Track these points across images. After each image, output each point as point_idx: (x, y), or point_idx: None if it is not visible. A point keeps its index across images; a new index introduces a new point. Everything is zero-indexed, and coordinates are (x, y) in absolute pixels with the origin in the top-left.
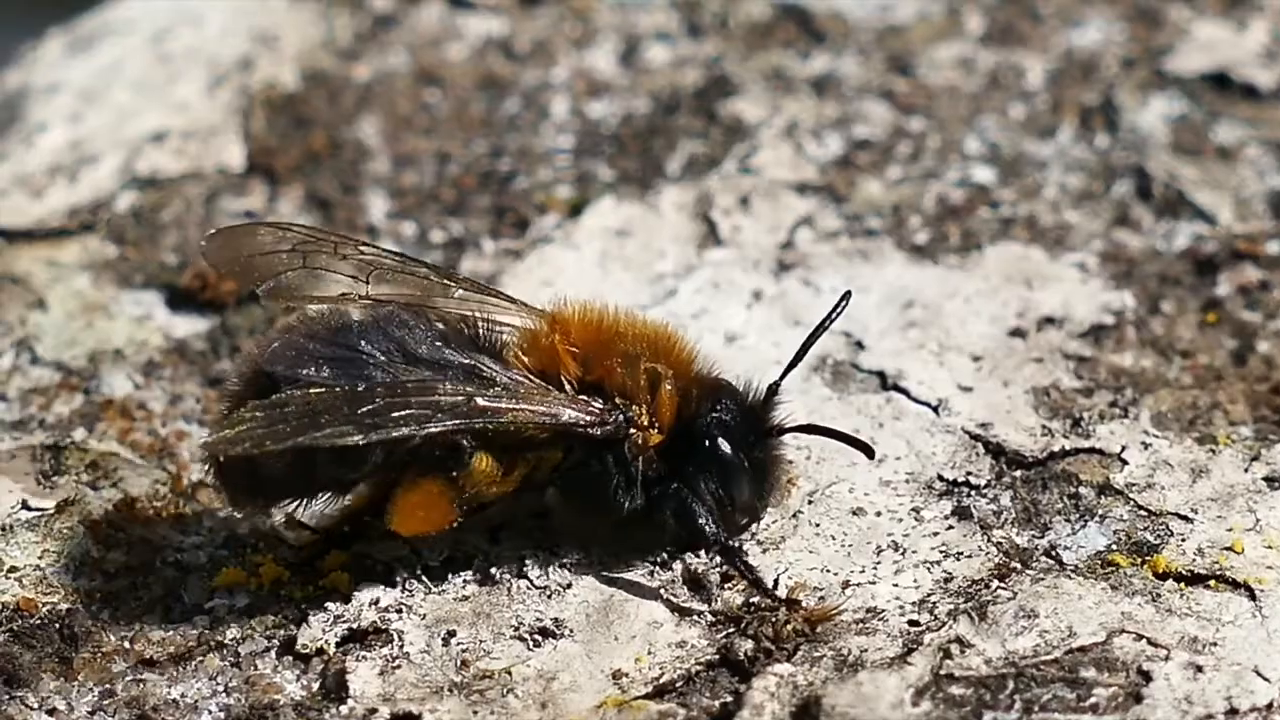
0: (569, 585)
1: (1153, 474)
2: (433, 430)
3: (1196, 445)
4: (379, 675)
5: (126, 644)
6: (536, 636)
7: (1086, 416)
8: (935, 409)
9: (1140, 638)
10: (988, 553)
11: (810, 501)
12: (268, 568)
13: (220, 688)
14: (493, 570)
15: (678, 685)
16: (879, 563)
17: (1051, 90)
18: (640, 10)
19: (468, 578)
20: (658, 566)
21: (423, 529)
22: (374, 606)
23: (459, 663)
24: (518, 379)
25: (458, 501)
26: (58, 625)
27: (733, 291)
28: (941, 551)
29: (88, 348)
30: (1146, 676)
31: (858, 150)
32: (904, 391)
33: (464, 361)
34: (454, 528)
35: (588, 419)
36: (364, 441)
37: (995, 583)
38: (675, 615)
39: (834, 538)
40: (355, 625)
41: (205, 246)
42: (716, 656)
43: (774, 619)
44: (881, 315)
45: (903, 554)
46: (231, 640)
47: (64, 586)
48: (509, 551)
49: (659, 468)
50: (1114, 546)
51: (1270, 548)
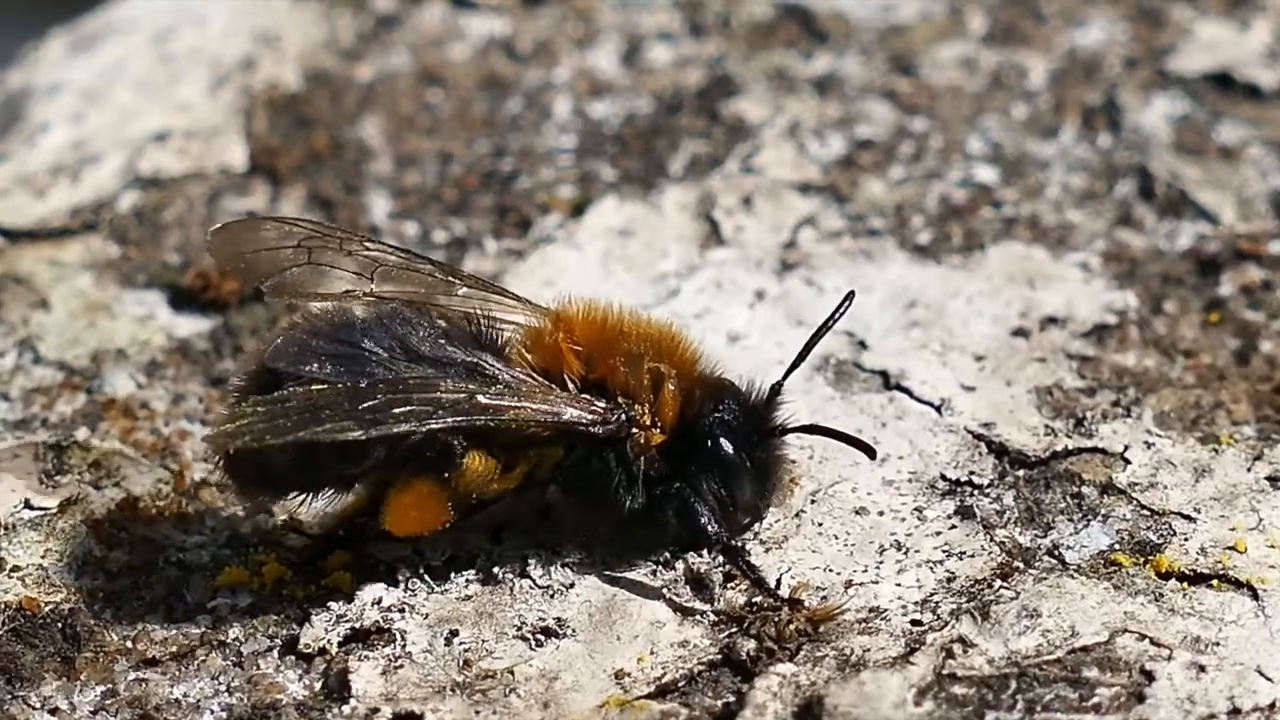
0: (571, 585)
1: (1155, 473)
2: (434, 427)
3: (1199, 445)
4: (381, 675)
5: (129, 643)
6: (539, 636)
7: (1089, 416)
8: (938, 409)
9: (1143, 637)
10: (990, 552)
11: (813, 501)
12: (270, 567)
13: (222, 687)
14: (495, 570)
15: (680, 685)
16: (882, 562)
17: (1054, 90)
18: (642, 10)
19: (470, 577)
20: (660, 566)
21: (416, 529)
22: (376, 606)
23: (461, 662)
24: (520, 377)
25: (452, 501)
26: (60, 624)
27: (735, 291)
28: (944, 551)
29: (90, 347)
30: (1149, 676)
31: (860, 150)
32: (907, 391)
33: (466, 359)
34: (456, 527)
35: (590, 418)
36: (364, 437)
37: (998, 582)
38: (678, 615)
39: (837, 537)
40: (358, 625)
41: (210, 241)
42: (719, 656)
43: (776, 618)
44: (884, 315)
45: (905, 553)
46: (234, 640)
47: (66, 585)
48: (511, 551)
49: (661, 467)
50: (1117, 546)
51: (1273, 547)
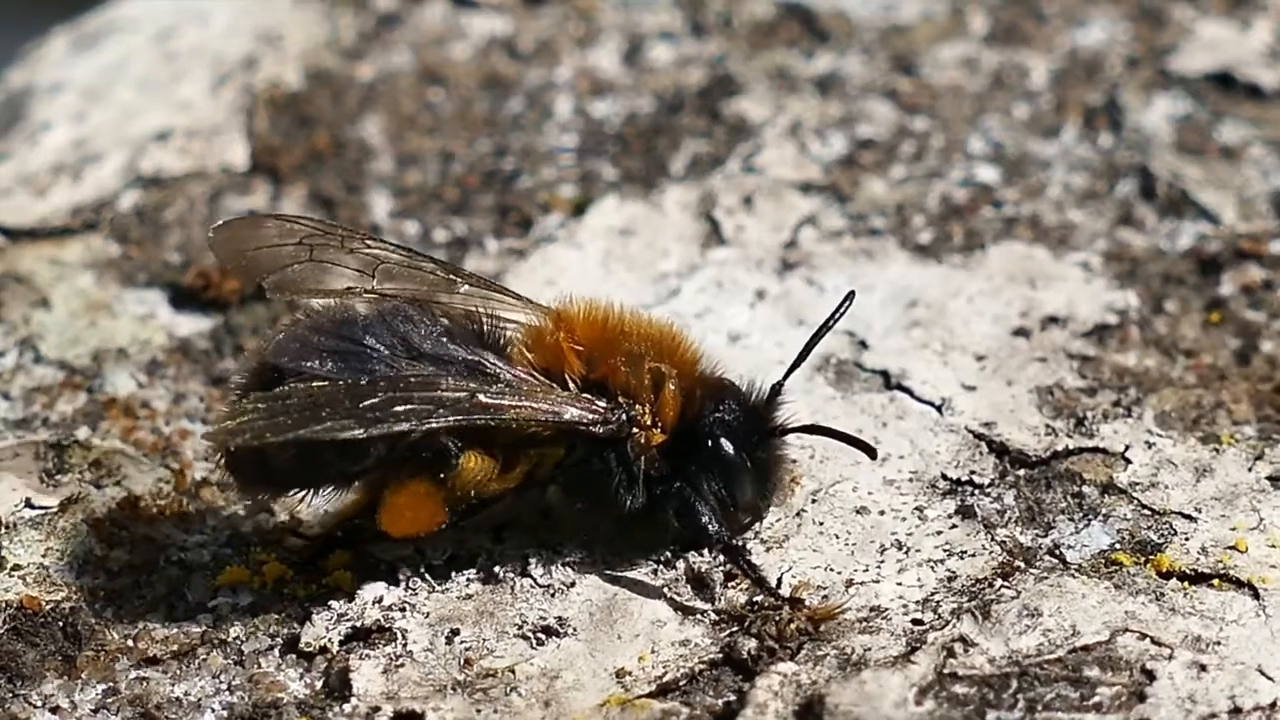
0: (572, 584)
1: (1156, 473)
2: (434, 426)
3: (1200, 444)
4: (382, 674)
5: (130, 642)
6: (540, 635)
7: (1090, 416)
8: (939, 408)
9: (1144, 637)
10: (991, 552)
11: (814, 500)
12: (271, 566)
13: (223, 686)
14: (496, 569)
15: (681, 684)
16: (882, 561)
17: (1055, 90)
18: (644, 9)
19: (471, 576)
20: (661, 565)
21: (411, 530)
22: (377, 605)
23: (462, 661)
24: (521, 376)
25: (449, 502)
26: (61, 623)
27: (736, 291)
28: (945, 550)
29: (91, 346)
30: (1150, 676)
31: (861, 150)
32: (908, 391)
33: (468, 357)
34: (457, 526)
35: (591, 418)
36: (364, 435)
37: (999, 582)
38: (679, 614)
39: (838, 536)
40: (358, 624)
41: (211, 239)
42: (720, 655)
43: (777, 618)
44: (885, 314)
45: (906, 553)
46: (235, 638)
47: (67, 584)
48: (512, 550)
49: (662, 467)
50: (1117, 545)
51: (1274, 547)
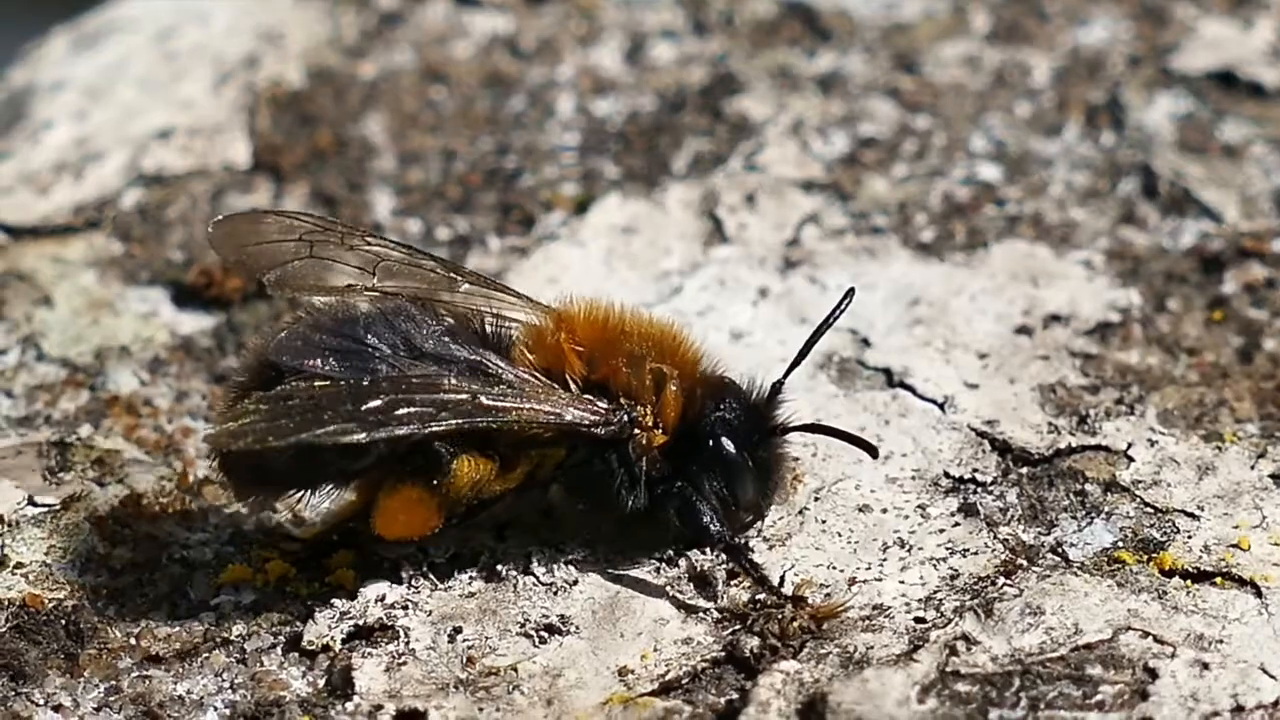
0: (575, 582)
1: (1159, 471)
2: (436, 429)
3: (1203, 442)
4: (385, 672)
5: (132, 640)
6: (542, 633)
7: (1093, 414)
8: (941, 406)
9: (1146, 635)
10: (994, 550)
11: (816, 498)
12: (274, 564)
13: (226, 684)
14: (499, 567)
15: (684, 682)
16: (885, 560)
17: (1057, 88)
18: (646, 8)
19: (474, 574)
20: (663, 563)
21: (405, 533)
22: (380, 603)
23: (465, 659)
24: (523, 376)
25: (445, 505)
26: (63, 621)
27: (738, 289)
28: (947, 548)
29: (93, 344)
30: (1153, 674)
31: (863, 148)
32: (910, 389)
33: (469, 357)
34: (460, 525)
35: (592, 419)
36: (366, 439)
37: (1001, 580)
38: (681, 612)
39: (840, 535)
40: (361, 622)
41: (211, 234)
42: (722, 653)
43: (780, 616)
44: (887, 313)
45: (909, 551)
46: (237, 637)
47: (70, 583)
48: (515, 548)
49: (663, 467)
50: (1120, 543)
51: (1277, 545)
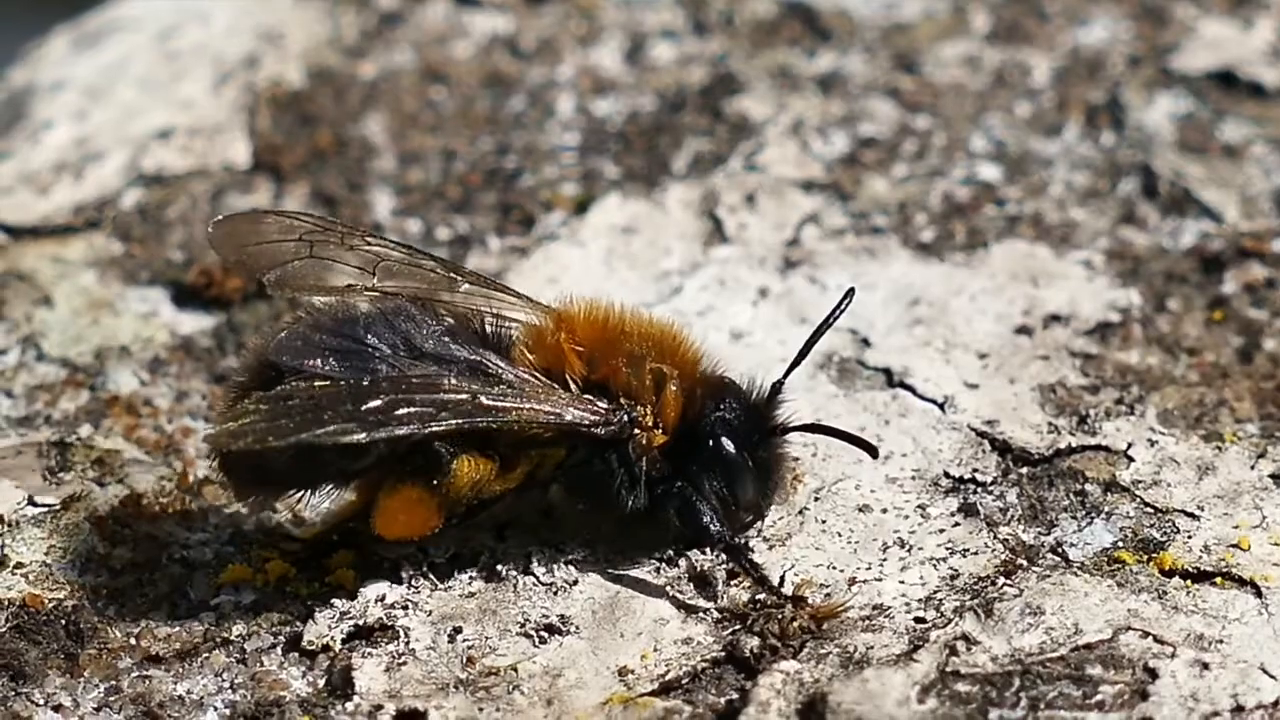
0: (575, 582)
1: (1159, 471)
2: (436, 429)
3: (1203, 442)
4: (385, 672)
5: (132, 640)
6: (542, 633)
7: (1093, 414)
8: (941, 406)
9: (1146, 635)
10: (994, 550)
11: (816, 498)
12: (274, 564)
13: (226, 684)
14: (499, 567)
15: (683, 682)
16: (885, 559)
17: (1057, 88)
18: (646, 8)
19: (474, 574)
20: (664, 563)
21: (404, 534)
22: (380, 603)
23: (465, 659)
24: (523, 376)
25: (445, 505)
26: (63, 621)
27: (738, 289)
28: (947, 548)
29: (94, 344)
30: (1153, 674)
31: (863, 148)
32: (910, 389)
33: (469, 357)
34: (460, 525)
35: (592, 419)
36: (367, 439)
37: (1001, 580)
38: (681, 612)
39: (840, 534)
40: (361, 622)
41: (211, 234)
42: (722, 653)
43: (780, 616)
44: (887, 312)
45: (909, 551)
46: (237, 637)
47: (70, 583)
48: (515, 548)
49: (663, 467)
50: (1120, 543)
51: (1277, 545)
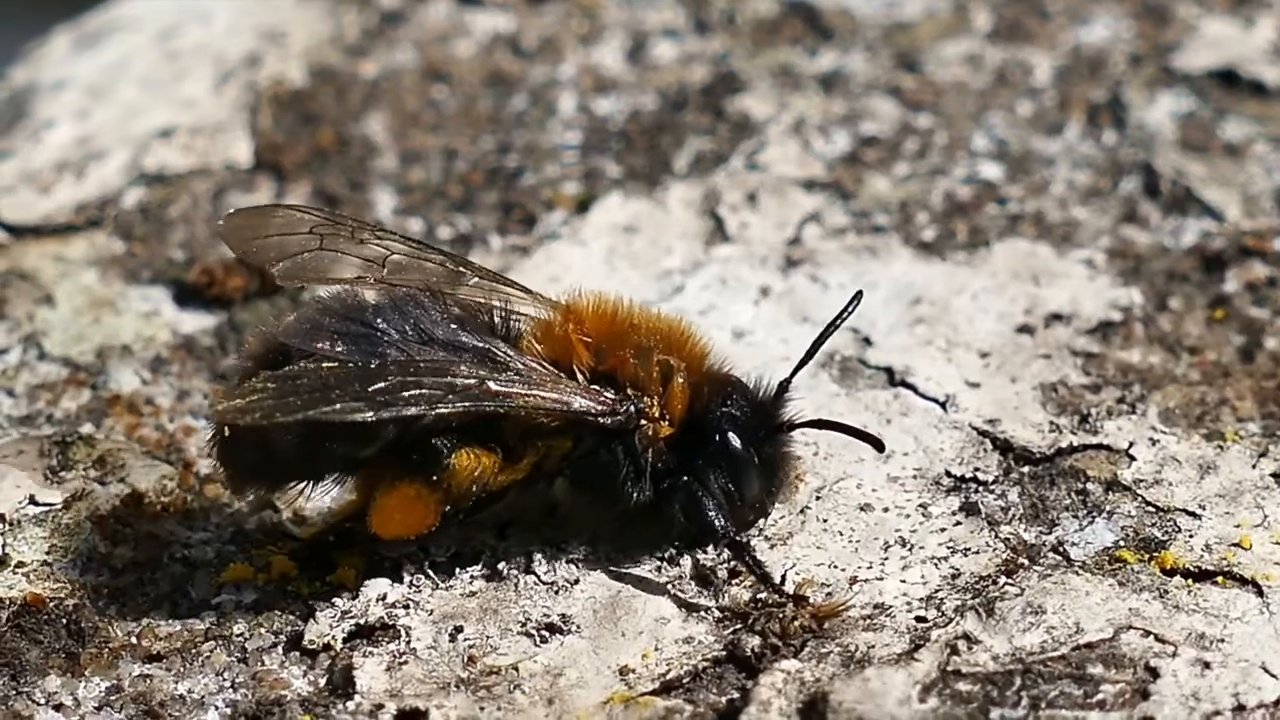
0: (576, 581)
1: (1160, 470)
2: (444, 411)
3: (1204, 441)
4: (386, 671)
5: (133, 639)
6: (544, 632)
7: (1094, 413)
8: (943, 405)
9: (1148, 634)
10: (995, 549)
11: (818, 497)
12: (278, 560)
13: (227, 683)
14: (500, 566)
15: (685, 681)
16: (886, 559)
17: (1059, 87)
18: (648, 7)
19: (475, 573)
20: (665, 562)
21: (400, 532)
22: (381, 602)
23: (466, 658)
24: (531, 365)
25: (448, 500)
26: (65, 620)
27: (740, 288)
28: (949, 547)
29: (95, 343)
30: (1154, 673)
31: (865, 147)
32: (912, 388)
33: (478, 345)
34: (461, 523)
35: (599, 408)
36: (374, 418)
37: (1003, 579)
38: (682, 611)
39: (841, 534)
40: (362, 621)
41: (222, 226)
42: (724, 652)
43: (781, 615)
44: (889, 311)
45: (910, 550)
46: (238, 636)
47: (71, 581)
48: (516, 547)
49: (669, 461)
50: (1122, 543)
51: (1278, 544)
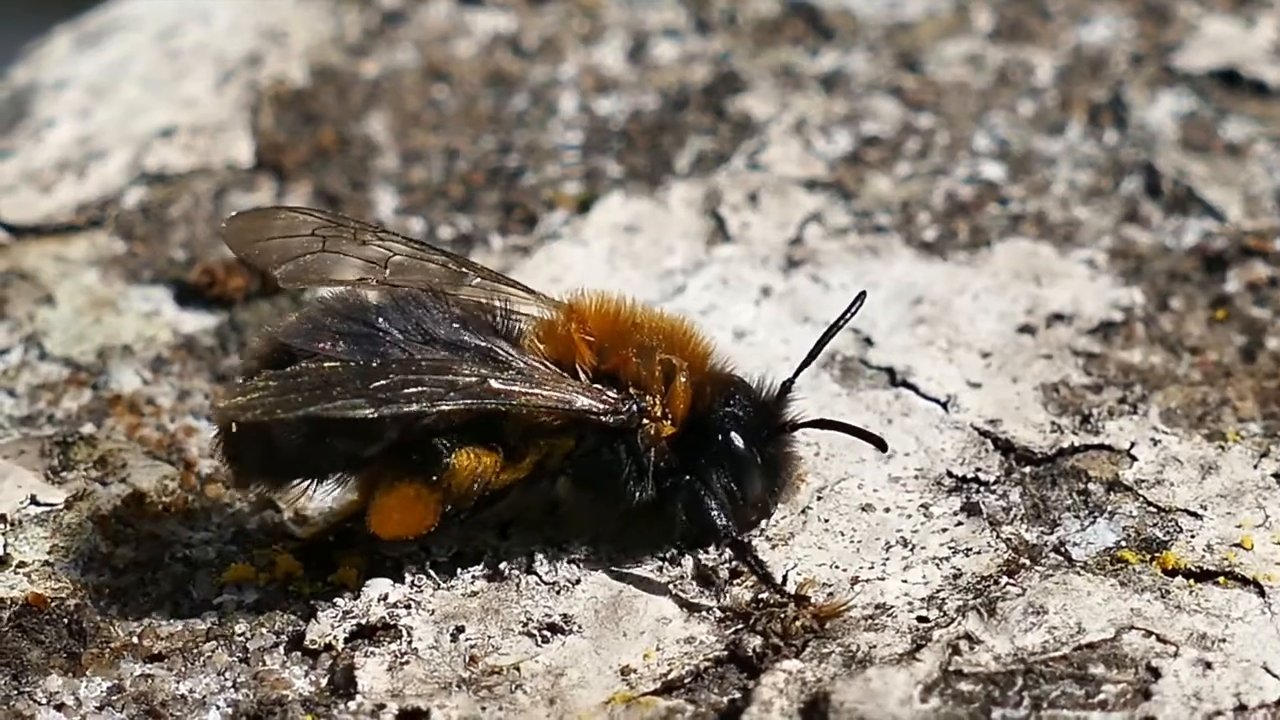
0: (578, 581)
1: (1162, 470)
2: (445, 408)
3: (1205, 442)
4: (387, 671)
5: (134, 639)
6: (545, 632)
7: (1095, 413)
8: (944, 405)
9: (1149, 634)
10: (996, 549)
11: (819, 497)
12: (281, 559)
13: (228, 683)
14: (502, 566)
15: (686, 681)
16: (888, 559)
17: (1060, 87)
18: (648, 6)
19: (476, 573)
20: (666, 562)
21: (399, 532)
22: (382, 602)
23: (467, 658)
24: (533, 364)
25: (449, 500)
26: (66, 620)
27: (741, 288)
28: (950, 548)
29: (96, 343)
30: (1155, 673)
31: (866, 147)
32: (913, 388)
33: (480, 344)
34: (462, 523)
35: (601, 407)
36: (375, 414)
37: (1004, 579)
38: (684, 611)
39: (843, 534)
40: (364, 621)
41: (225, 229)
42: (725, 653)
43: (783, 615)
44: (890, 312)
45: (912, 550)
46: (240, 635)
47: (72, 581)
48: (518, 547)
49: (671, 460)
50: (1123, 543)
51: (1279, 544)
